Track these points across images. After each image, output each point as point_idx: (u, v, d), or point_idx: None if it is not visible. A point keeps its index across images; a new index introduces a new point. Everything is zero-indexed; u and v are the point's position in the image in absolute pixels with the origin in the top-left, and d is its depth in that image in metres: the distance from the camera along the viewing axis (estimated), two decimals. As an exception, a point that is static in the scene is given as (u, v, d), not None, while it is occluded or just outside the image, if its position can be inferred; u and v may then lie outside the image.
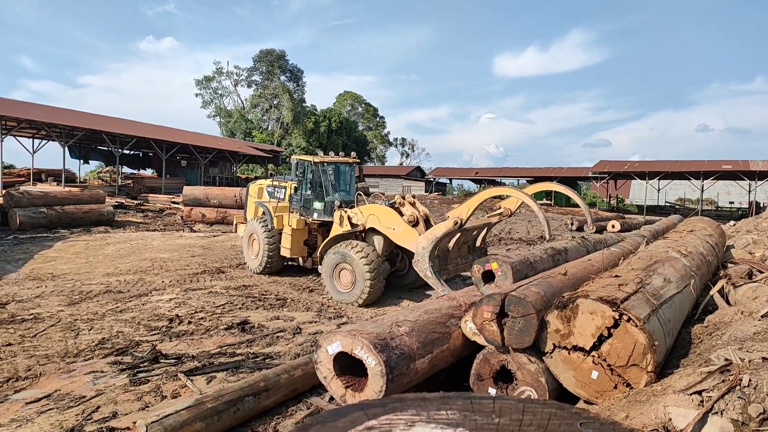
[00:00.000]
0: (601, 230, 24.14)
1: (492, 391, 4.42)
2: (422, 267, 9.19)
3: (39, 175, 35.03)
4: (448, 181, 69.50)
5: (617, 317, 3.81)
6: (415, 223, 9.97)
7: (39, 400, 5.42)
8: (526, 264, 6.31)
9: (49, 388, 5.71)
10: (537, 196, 10.45)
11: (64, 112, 37.81)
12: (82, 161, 42.87)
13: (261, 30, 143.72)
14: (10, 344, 7.06)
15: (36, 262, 13.42)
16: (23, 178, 34.15)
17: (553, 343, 4.11)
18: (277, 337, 7.82)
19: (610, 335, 3.83)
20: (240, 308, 9.43)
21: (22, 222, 19.53)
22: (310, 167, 11.90)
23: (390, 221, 10.08)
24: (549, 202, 47.50)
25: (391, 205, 10.50)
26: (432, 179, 66.11)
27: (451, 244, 10.19)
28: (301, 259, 12.15)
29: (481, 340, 4.62)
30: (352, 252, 9.99)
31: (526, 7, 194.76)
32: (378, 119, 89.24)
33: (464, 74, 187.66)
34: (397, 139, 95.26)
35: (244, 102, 74.47)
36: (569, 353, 4.02)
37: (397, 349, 4.25)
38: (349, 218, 10.69)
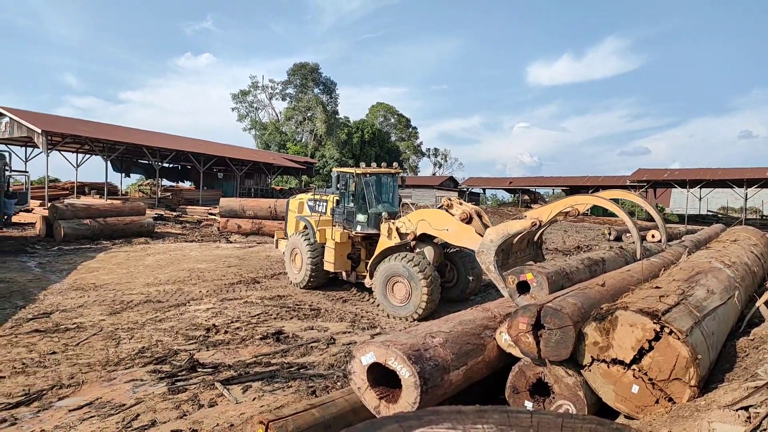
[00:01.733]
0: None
1: (528, 405, 4.34)
2: (486, 260, 8.71)
3: (82, 188, 36.33)
4: (481, 191, 69.00)
5: (658, 330, 3.70)
6: (468, 220, 9.64)
7: (81, 407, 5.57)
8: (562, 275, 6.20)
9: (91, 396, 5.87)
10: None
11: (106, 127, 39.11)
12: (123, 174, 44.31)
13: (295, 44, 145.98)
14: (54, 352, 7.29)
15: (79, 273, 13.85)
16: (67, 191, 35.46)
17: (592, 356, 4.02)
18: (312, 347, 7.87)
19: (651, 348, 3.73)
20: (275, 318, 9.52)
21: (67, 233, 20.24)
22: (352, 179, 11.68)
23: (442, 223, 9.80)
24: (585, 211, 46.62)
25: (439, 209, 10.28)
26: (465, 189, 65.73)
27: (515, 239, 9.63)
28: (344, 273, 11.95)
29: (516, 352, 4.55)
30: (408, 264, 9.82)
31: (559, 15, 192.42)
32: (410, 130, 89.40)
33: (496, 84, 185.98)
34: (429, 149, 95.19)
35: (279, 115, 75.72)
36: (608, 366, 3.93)
37: (431, 361, 4.22)
38: (397, 229, 10.47)
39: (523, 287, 5.81)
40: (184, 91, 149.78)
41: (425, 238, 10.35)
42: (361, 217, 11.49)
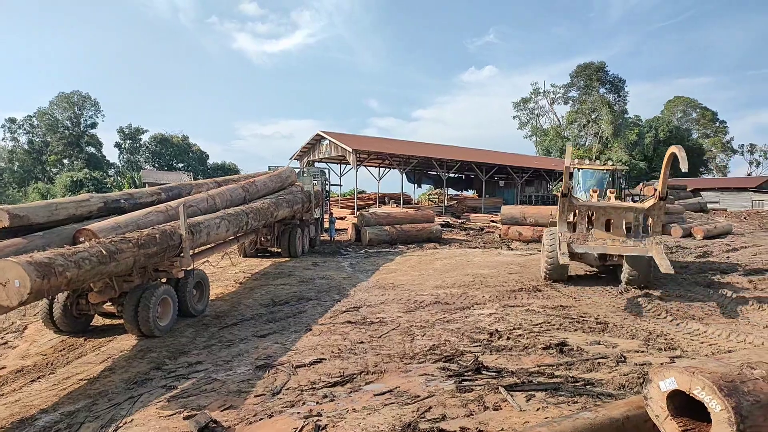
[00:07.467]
0: None
1: None
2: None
3: (383, 198, 41.29)
4: (819, 193, 55.47)
5: None
6: None
7: (383, 393, 6.26)
8: None
9: (391, 384, 6.56)
10: None
11: (402, 144, 43.79)
12: (415, 185, 48.84)
13: (577, 45, 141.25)
14: (362, 342, 8.41)
15: (381, 273, 15.74)
16: (371, 201, 40.74)
17: None
18: (598, 363, 7.40)
19: None
20: (557, 329, 9.26)
21: (371, 239, 23.23)
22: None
23: None
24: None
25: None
26: (794, 191, 53.72)
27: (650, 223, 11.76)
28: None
29: None
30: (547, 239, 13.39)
31: None
32: (717, 125, 77.39)
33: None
34: (743, 145, 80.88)
35: (560, 119, 73.74)
36: None
37: (749, 396, 3.58)
38: None
39: None
40: (468, 104, 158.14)
41: None
42: None
